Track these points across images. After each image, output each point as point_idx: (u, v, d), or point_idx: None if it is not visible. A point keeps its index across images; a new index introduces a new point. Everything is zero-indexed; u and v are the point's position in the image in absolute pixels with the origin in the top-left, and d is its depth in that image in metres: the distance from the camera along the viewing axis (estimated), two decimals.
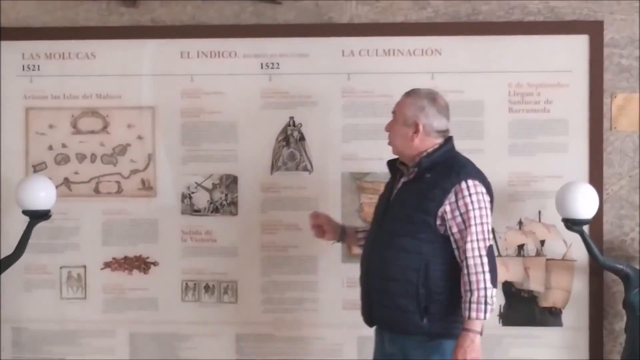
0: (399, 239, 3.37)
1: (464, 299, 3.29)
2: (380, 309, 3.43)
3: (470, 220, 3.31)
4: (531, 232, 4.18)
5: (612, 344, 4.19)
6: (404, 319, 3.36)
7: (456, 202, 3.32)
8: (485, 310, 3.28)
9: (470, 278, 3.29)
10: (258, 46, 4.27)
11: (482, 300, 3.27)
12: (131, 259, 4.34)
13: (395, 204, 3.46)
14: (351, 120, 4.24)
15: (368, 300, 3.50)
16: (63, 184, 4.34)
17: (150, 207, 4.34)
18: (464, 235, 3.31)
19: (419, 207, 3.35)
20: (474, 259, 3.30)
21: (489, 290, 3.29)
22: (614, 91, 4.18)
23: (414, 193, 3.39)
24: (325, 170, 4.26)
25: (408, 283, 3.33)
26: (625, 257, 4.14)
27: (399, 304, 3.35)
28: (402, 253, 3.36)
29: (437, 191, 3.33)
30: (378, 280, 3.41)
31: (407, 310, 3.34)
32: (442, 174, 3.36)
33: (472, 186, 3.35)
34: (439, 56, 4.22)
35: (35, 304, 4.38)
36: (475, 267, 3.29)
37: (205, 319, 4.31)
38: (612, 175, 4.19)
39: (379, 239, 3.45)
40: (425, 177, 3.38)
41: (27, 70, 4.36)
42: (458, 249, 3.34)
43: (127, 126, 4.34)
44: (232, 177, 4.30)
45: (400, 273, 3.34)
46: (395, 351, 3.46)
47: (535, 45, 4.17)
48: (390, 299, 3.37)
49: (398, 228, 3.39)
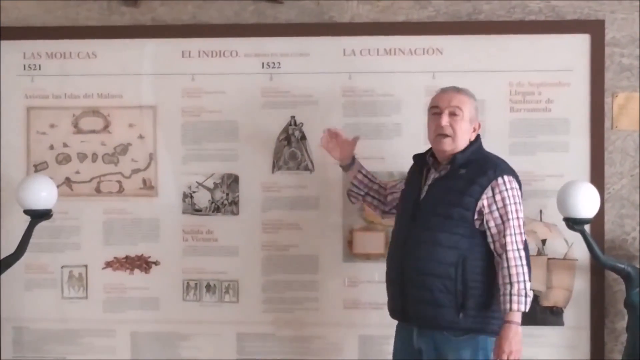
0: (437, 234, 3.43)
1: (504, 292, 3.40)
2: (416, 304, 3.46)
3: (509, 214, 3.44)
4: (532, 232, 4.17)
5: (613, 343, 4.19)
6: (440, 314, 3.42)
7: (493, 197, 3.44)
8: (525, 302, 3.40)
9: (510, 271, 3.40)
10: (259, 45, 4.27)
11: (523, 292, 3.39)
12: (132, 259, 4.34)
13: (429, 200, 3.50)
14: (352, 119, 4.24)
15: (402, 295, 3.50)
16: (64, 184, 4.34)
17: (152, 206, 4.34)
18: (502, 229, 3.43)
19: (457, 203, 3.43)
20: (514, 252, 3.42)
21: (528, 283, 3.42)
22: (615, 90, 4.17)
23: (450, 189, 3.47)
24: (326, 170, 4.25)
25: (447, 278, 3.41)
26: (626, 257, 4.14)
27: (437, 299, 3.41)
28: (440, 248, 3.42)
29: (475, 187, 3.43)
30: (416, 275, 3.44)
31: (444, 306, 3.41)
32: (477, 171, 3.47)
33: (507, 182, 3.47)
34: (440, 55, 4.22)
35: (36, 304, 4.38)
36: (515, 260, 3.41)
37: (207, 318, 4.31)
38: (613, 174, 4.18)
39: (415, 235, 3.48)
40: (459, 173, 3.47)
41: (28, 69, 4.36)
42: (494, 242, 3.44)
43: (128, 125, 4.34)
44: (234, 176, 4.29)
45: (439, 268, 3.41)
46: (424, 346, 3.50)
47: (537, 44, 4.17)
48: (429, 294, 3.42)
49: (435, 224, 3.44)
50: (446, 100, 3.54)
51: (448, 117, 3.50)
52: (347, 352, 4.25)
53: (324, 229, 4.23)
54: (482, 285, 3.45)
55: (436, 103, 3.57)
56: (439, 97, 3.59)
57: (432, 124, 3.56)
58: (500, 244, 3.43)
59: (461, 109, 3.52)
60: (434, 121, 3.55)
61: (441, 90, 3.63)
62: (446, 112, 3.51)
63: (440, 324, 3.44)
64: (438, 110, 3.54)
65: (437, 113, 3.54)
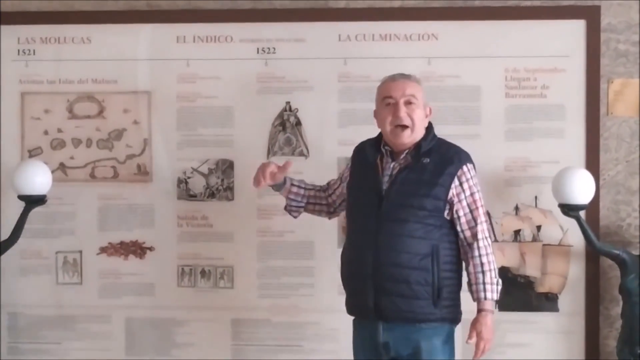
0: (409, 225, 3.37)
1: (476, 281, 3.41)
2: (392, 297, 3.39)
3: (477, 202, 3.45)
4: (527, 218, 4.17)
5: (608, 329, 4.19)
6: (417, 306, 3.38)
7: (461, 186, 3.42)
8: (497, 291, 3.44)
9: (482, 260, 3.42)
10: (254, 31, 4.26)
11: (495, 280, 3.42)
12: (127, 244, 4.33)
13: (394, 191, 3.42)
14: (348, 105, 4.23)
15: (374, 289, 3.41)
16: (59, 169, 4.33)
17: (146, 192, 4.33)
18: (472, 218, 3.43)
19: (428, 194, 3.38)
20: (484, 240, 3.44)
21: (496, 271, 3.45)
22: (610, 76, 4.17)
23: (419, 180, 3.41)
24: (321, 155, 4.25)
25: (424, 270, 3.36)
26: (621, 243, 4.13)
27: (415, 292, 3.37)
28: (414, 240, 3.37)
29: (445, 177, 3.40)
30: (392, 268, 3.37)
31: (421, 297, 3.37)
32: (442, 159, 3.43)
33: (471, 169, 3.47)
34: (435, 41, 4.21)
35: (31, 289, 4.38)
36: (486, 249, 3.43)
37: (202, 304, 4.31)
38: (608, 160, 4.18)
39: (386, 228, 3.40)
40: (423, 162, 3.41)
41: (23, 54, 4.35)
42: (463, 232, 3.43)
43: (123, 111, 4.33)
44: (229, 162, 4.29)
45: (414, 260, 3.35)
46: (392, 340, 3.45)
47: (532, 30, 4.16)
48: (406, 287, 3.36)
49: (406, 215, 3.38)
50: (400, 89, 3.46)
51: (405, 106, 3.44)
52: (343, 338, 4.23)
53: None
54: (453, 274, 3.44)
55: (389, 93, 3.47)
56: (390, 86, 3.50)
57: (387, 115, 3.46)
58: (472, 233, 3.42)
59: (416, 97, 3.45)
60: (388, 112, 3.46)
61: (390, 79, 3.53)
62: (402, 101, 3.44)
63: (417, 316, 3.39)
64: (392, 101, 3.45)
65: (391, 104, 3.46)
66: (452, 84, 4.17)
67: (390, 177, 3.46)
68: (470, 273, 3.43)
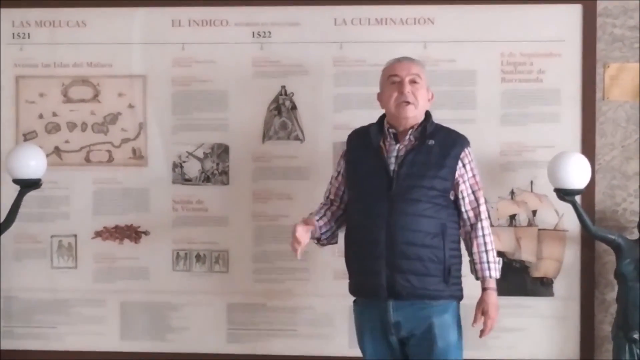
0: (420, 205, 3.44)
1: (480, 260, 3.53)
2: (404, 274, 3.43)
3: (478, 184, 3.57)
4: (523, 202, 4.17)
5: (603, 314, 4.19)
6: (430, 283, 3.44)
7: (464, 167, 3.53)
8: (499, 269, 3.56)
9: (485, 239, 3.53)
10: (249, 15, 4.25)
11: (497, 259, 3.56)
12: (122, 228, 4.33)
13: (403, 172, 3.45)
14: (343, 89, 4.23)
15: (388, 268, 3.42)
16: (53, 153, 4.32)
17: (141, 176, 4.32)
18: (475, 199, 3.54)
19: (437, 175, 3.46)
20: (486, 220, 3.57)
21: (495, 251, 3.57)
22: (606, 61, 4.16)
23: (427, 161, 3.47)
24: (317, 140, 4.25)
25: (436, 248, 3.43)
26: (617, 228, 4.13)
27: (428, 269, 3.43)
28: (426, 219, 3.43)
29: (451, 158, 3.49)
30: (406, 247, 3.41)
31: (434, 275, 3.44)
32: (446, 141, 3.53)
33: (471, 152, 3.58)
34: (431, 25, 4.20)
35: (25, 274, 4.37)
36: (488, 229, 3.56)
37: (196, 288, 4.31)
38: (604, 145, 4.17)
39: (395, 209, 3.43)
40: (428, 144, 3.49)
41: (17, 38, 4.34)
42: (466, 212, 3.54)
43: (118, 95, 4.32)
44: (224, 146, 4.28)
45: (427, 239, 3.42)
46: (403, 318, 3.47)
47: (528, 14, 4.15)
48: (421, 265, 3.42)
49: (418, 195, 3.44)
50: (405, 68, 3.53)
51: (409, 84, 3.50)
52: (338, 323, 4.25)
53: (314, 198, 4.18)
54: (458, 252, 3.53)
55: (394, 72, 3.54)
56: (396, 65, 3.57)
57: (392, 92, 3.51)
58: (475, 214, 3.54)
59: (420, 77, 3.53)
60: (393, 89, 3.51)
61: (396, 60, 3.59)
62: (407, 79, 3.50)
63: (430, 293, 3.44)
64: (398, 79, 3.51)
65: (397, 82, 3.52)
66: (447, 68, 4.16)
67: (397, 159, 3.50)
68: (474, 253, 3.53)
